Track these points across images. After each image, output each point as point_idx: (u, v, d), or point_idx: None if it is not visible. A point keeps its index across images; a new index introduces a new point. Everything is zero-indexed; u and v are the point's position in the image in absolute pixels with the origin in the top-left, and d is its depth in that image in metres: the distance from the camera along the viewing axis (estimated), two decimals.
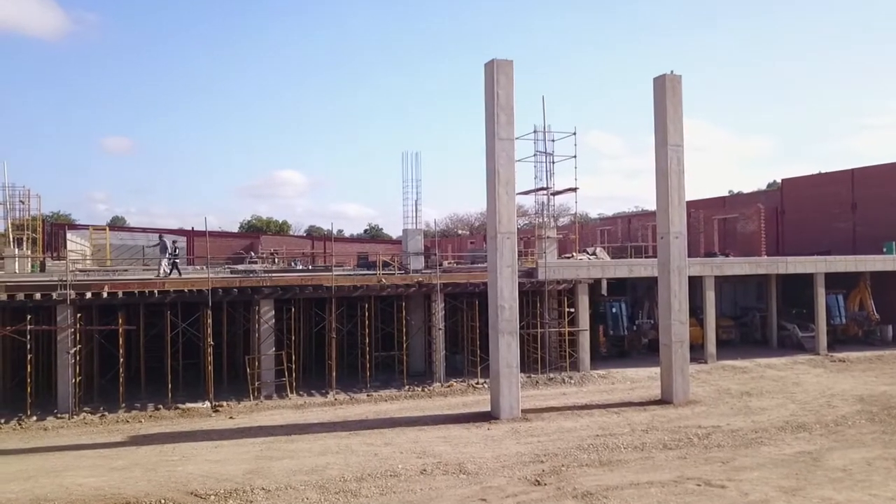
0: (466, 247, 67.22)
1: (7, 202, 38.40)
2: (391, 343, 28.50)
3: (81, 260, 43.04)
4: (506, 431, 18.65)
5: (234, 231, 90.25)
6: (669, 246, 22.91)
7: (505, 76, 20.55)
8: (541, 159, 29.55)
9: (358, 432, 18.82)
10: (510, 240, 20.56)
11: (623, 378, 27.22)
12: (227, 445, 17.67)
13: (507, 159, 20.57)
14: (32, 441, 18.92)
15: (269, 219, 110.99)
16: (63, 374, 22.13)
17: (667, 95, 22.76)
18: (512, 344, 20.41)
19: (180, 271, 28.18)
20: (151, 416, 21.78)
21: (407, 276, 27.54)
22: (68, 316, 22.36)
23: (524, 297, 26.79)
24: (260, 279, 25.78)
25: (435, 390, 25.05)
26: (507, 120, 20.55)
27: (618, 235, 57.36)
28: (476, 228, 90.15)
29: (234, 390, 25.02)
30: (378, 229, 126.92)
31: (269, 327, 24.91)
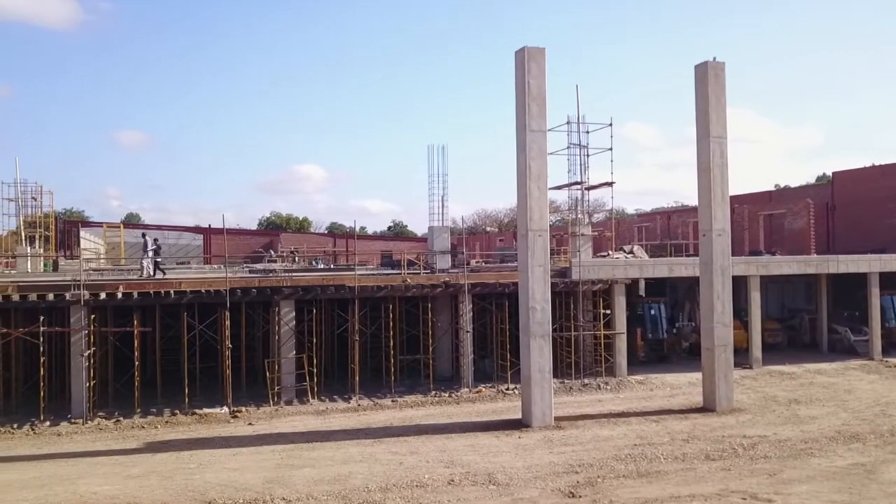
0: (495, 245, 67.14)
1: (19, 199, 39.07)
2: (416, 346, 28.54)
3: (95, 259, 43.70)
4: (538, 440, 18.57)
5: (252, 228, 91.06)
6: (712, 244, 22.65)
7: (536, 65, 20.44)
8: (574, 152, 29.48)
9: (382, 440, 18.85)
10: (542, 238, 20.46)
11: (662, 384, 27.00)
12: (245, 453, 17.81)
13: (538, 152, 20.46)
14: (46, 447, 19.22)
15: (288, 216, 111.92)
16: (77, 378, 22.47)
17: (709, 84, 22.49)
18: (544, 348, 20.32)
19: (164, 271, 28.35)
20: (168, 421, 22.04)
21: (433, 276, 27.56)
22: (82, 317, 22.69)
23: (557, 299, 26.68)
24: (280, 279, 25.96)
25: (463, 396, 25.03)
26: (539, 111, 20.45)
27: (656, 232, 56.87)
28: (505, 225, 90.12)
29: (254, 395, 25.22)
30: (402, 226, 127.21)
31: (289, 329, 25.07)
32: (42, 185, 39.62)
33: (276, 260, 46.36)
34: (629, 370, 28.36)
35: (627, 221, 67.17)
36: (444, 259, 29.96)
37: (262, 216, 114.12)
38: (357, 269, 29.00)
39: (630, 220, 68.59)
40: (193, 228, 72.08)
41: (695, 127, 23.18)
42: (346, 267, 39.43)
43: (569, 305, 27.95)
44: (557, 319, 26.72)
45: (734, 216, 33.17)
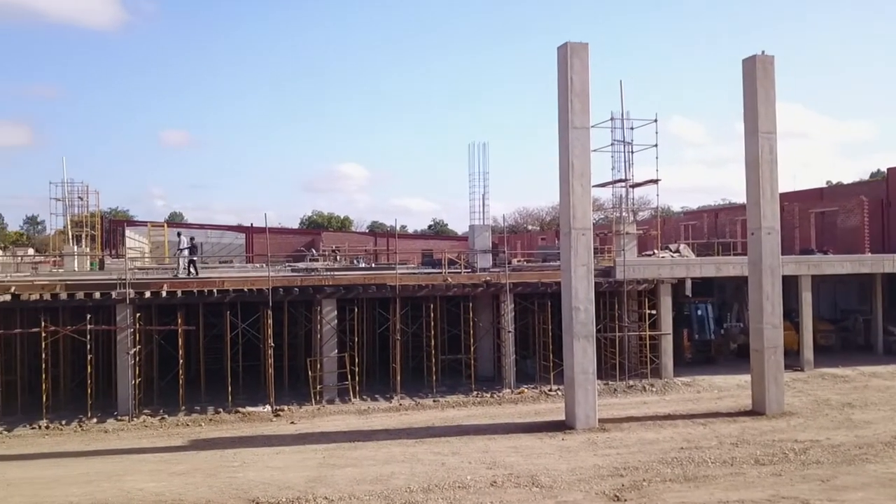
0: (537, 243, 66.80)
1: (66, 198, 39.99)
2: (457, 346, 28.57)
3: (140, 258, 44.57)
4: (582, 442, 18.47)
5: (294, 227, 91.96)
6: (761, 242, 22.27)
7: (579, 60, 20.31)
8: (618, 149, 29.21)
9: (424, 440, 18.93)
10: (585, 236, 20.33)
11: (709, 386, 26.65)
12: (288, 452, 18.02)
13: (581, 149, 20.34)
14: (93, 443, 19.69)
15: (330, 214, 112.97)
16: (123, 376, 22.97)
17: (757, 78, 22.11)
18: (588, 348, 20.19)
19: (198, 270, 28.70)
20: (211, 419, 22.42)
21: (474, 275, 27.56)
22: (128, 315, 23.18)
23: (601, 299, 26.50)
24: (322, 278, 26.21)
25: (505, 397, 25.01)
26: (582, 107, 20.32)
27: (703, 231, 56.07)
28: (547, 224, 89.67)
29: (296, 394, 25.51)
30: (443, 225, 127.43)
31: (331, 328, 25.29)
32: (88, 185, 40.46)
33: (317, 259, 46.79)
34: (675, 372, 28.05)
35: (673, 219, 66.36)
36: (485, 258, 29.93)
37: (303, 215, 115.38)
38: (398, 268, 29.11)
39: (676, 219, 67.75)
40: (236, 227, 73.11)
41: (742, 122, 22.83)
42: (387, 266, 39.62)
43: (613, 305, 27.74)
44: (601, 320, 26.54)
45: (784, 214, 32.55)
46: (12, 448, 19.45)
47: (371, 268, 39.10)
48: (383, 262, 53.07)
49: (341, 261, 48.68)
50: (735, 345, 31.96)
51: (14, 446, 19.68)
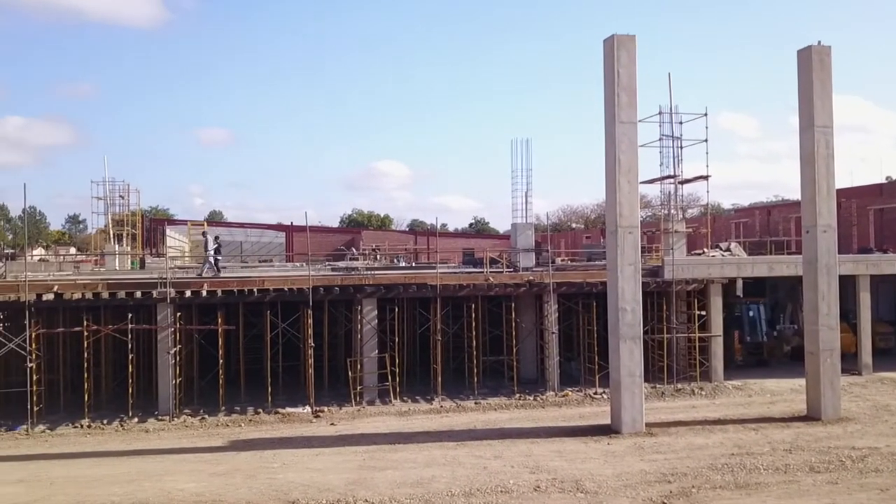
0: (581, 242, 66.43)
1: (107, 197, 40.83)
2: (499, 347, 28.51)
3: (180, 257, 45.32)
4: (628, 447, 18.31)
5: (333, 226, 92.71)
6: (816, 241, 21.83)
7: (626, 53, 20.13)
8: (667, 144, 28.95)
9: (465, 443, 18.94)
10: (632, 235, 20.14)
11: (762, 390, 26.22)
12: (328, 453, 18.18)
13: (629, 145, 20.15)
14: (134, 443, 20.10)
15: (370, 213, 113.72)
16: (164, 375, 23.40)
17: (813, 70, 21.67)
18: (634, 351, 20.01)
19: (219, 270, 29.02)
20: (251, 420, 22.72)
21: (516, 275, 27.49)
22: (168, 315, 23.59)
23: (648, 299, 26.24)
24: (362, 277, 26.38)
25: (548, 399, 24.91)
26: (629, 101, 20.13)
27: (755, 229, 55.20)
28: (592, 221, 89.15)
29: (335, 395, 25.72)
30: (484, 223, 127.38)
31: (371, 328, 25.45)
32: (129, 184, 41.25)
33: (357, 258, 47.10)
34: (725, 375, 27.66)
35: (724, 217, 65.45)
36: (527, 257, 29.81)
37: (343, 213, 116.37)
38: (439, 267, 29.15)
39: (726, 216, 66.81)
40: (276, 226, 73.94)
41: (797, 116, 22.40)
42: (427, 265, 39.74)
43: (661, 306, 27.46)
44: (648, 321, 26.26)
45: (841, 211, 31.90)
46: (55, 447, 19.95)
47: (411, 267, 39.25)
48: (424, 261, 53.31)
49: (381, 260, 48.96)
50: (789, 347, 31.38)
51: (57, 445, 20.19)
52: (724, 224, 59.41)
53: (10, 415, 23.07)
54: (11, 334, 23.06)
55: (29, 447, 19.98)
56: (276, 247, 67.99)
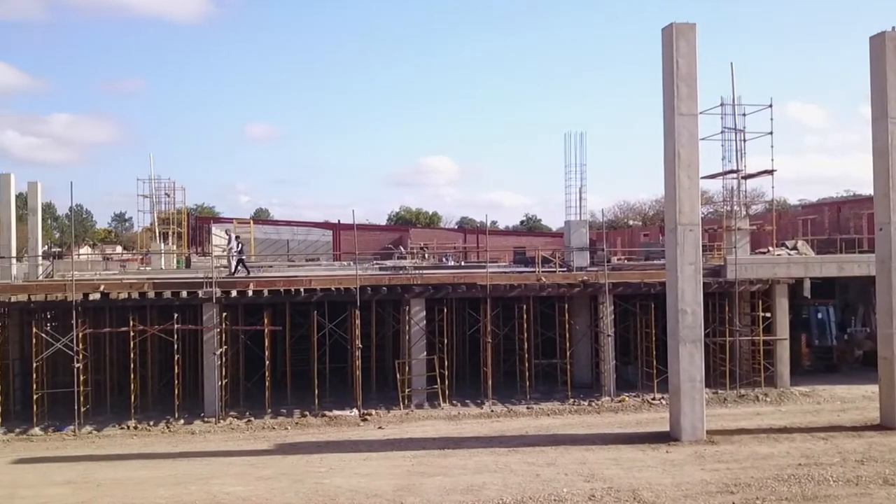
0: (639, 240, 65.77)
1: (153, 195, 41.72)
2: (552, 350, 28.38)
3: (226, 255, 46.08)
4: (688, 455, 18.04)
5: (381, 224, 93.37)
6: (890, 238, 21.23)
7: (686, 42, 19.83)
8: (729, 137, 28.57)
9: (517, 449, 18.88)
10: (693, 232, 19.83)
11: (831, 397, 25.64)
12: (376, 458, 18.29)
13: (689, 138, 19.85)
14: (180, 445, 20.50)
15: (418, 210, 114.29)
16: (210, 377, 23.82)
17: (887, 57, 21.04)
18: (695, 354, 19.71)
19: (248, 269, 29.35)
20: (298, 423, 22.99)
21: (570, 275, 27.34)
22: (214, 315, 24.00)
23: (709, 300, 25.86)
24: (410, 277, 26.49)
25: (603, 405, 24.73)
26: (689, 92, 19.83)
27: (824, 226, 54.00)
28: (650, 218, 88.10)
29: (383, 397, 25.89)
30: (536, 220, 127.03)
31: (419, 329, 25.54)
32: (175, 181, 42.06)
33: (405, 256, 47.33)
34: (792, 380, 27.12)
35: (790, 213, 64.09)
36: (582, 256, 29.62)
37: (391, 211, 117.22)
38: (489, 266, 29.13)
39: (793, 212, 65.40)
40: (322, 224, 74.73)
41: (870, 106, 21.83)
42: (476, 264, 39.73)
43: (723, 308, 27.06)
44: (710, 323, 25.89)
45: None
46: (102, 448, 20.46)
47: (460, 266, 39.30)
48: (473, 260, 53.32)
49: (429, 259, 49.12)
50: (860, 352, 30.66)
51: (104, 446, 20.70)
52: (791, 221, 58.18)
53: (57, 415, 23.73)
54: (58, 334, 23.76)
55: (76, 448, 20.53)
56: (322, 245, 68.75)
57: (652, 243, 51.78)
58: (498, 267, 34.97)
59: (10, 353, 25.00)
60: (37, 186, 35.39)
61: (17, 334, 25.81)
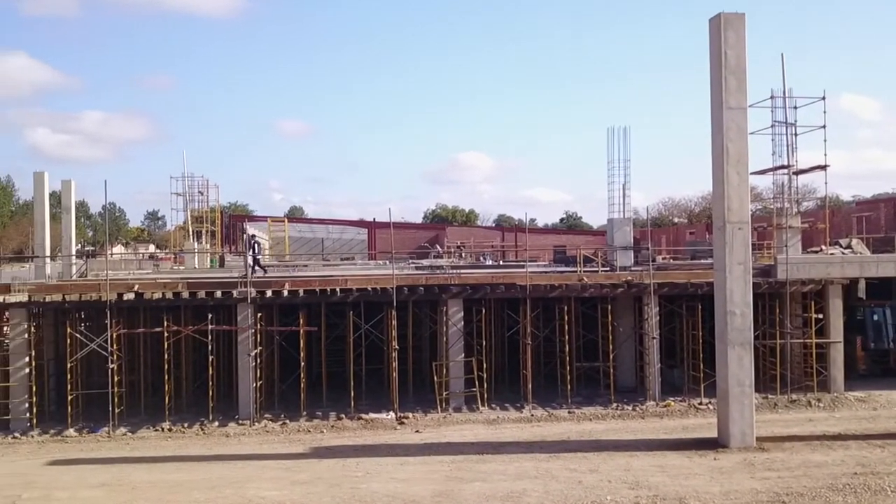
0: (685, 238, 65.07)
1: (186, 193, 42.23)
2: (594, 352, 28.22)
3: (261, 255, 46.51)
4: (736, 463, 17.87)
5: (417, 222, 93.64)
6: None
7: (734, 33, 19.62)
8: (780, 131, 28.11)
9: (558, 455, 18.83)
10: (742, 231, 19.62)
11: (888, 402, 25.18)
12: (413, 463, 18.36)
13: (737, 132, 19.64)
14: (215, 448, 20.77)
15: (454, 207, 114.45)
16: (244, 378, 24.05)
17: None
18: (744, 358, 19.50)
19: (265, 269, 29.53)
20: (333, 426, 23.14)
21: (613, 275, 27.15)
22: (249, 315, 24.22)
23: (759, 301, 25.52)
24: (447, 276, 26.51)
25: (648, 410, 24.56)
26: (738, 85, 19.62)
27: (880, 223, 52.99)
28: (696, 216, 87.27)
29: (420, 400, 25.95)
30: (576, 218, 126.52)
31: (457, 330, 25.55)
32: (208, 179, 42.53)
33: (442, 255, 47.39)
34: (846, 385, 26.69)
35: (844, 210, 62.99)
36: (625, 255, 29.39)
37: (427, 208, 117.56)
38: (528, 266, 29.02)
39: (847, 209, 64.28)
40: (357, 222, 75.23)
41: None
42: (515, 263, 39.62)
43: (773, 309, 26.67)
44: (760, 325, 25.58)
45: None
46: (136, 450, 20.79)
47: (498, 265, 39.26)
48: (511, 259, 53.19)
49: (467, 258, 49.14)
50: None
51: (138, 448, 21.04)
52: (845, 218, 57.19)
53: (91, 416, 24.16)
54: (92, 334, 24.17)
55: (110, 450, 20.87)
56: (357, 244, 69.17)
57: (698, 242, 51.22)
58: (537, 266, 34.85)
59: (44, 353, 25.44)
60: (70, 185, 36.06)
61: (51, 334, 26.29)
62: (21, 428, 23.35)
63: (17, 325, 23.99)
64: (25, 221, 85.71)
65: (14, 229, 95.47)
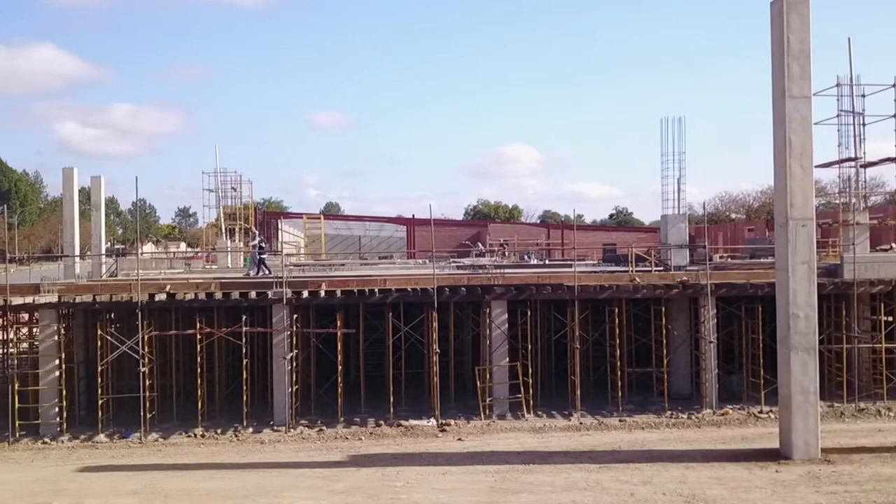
0: (743, 236, 64.31)
1: (219, 189, 42.60)
2: (647, 357, 28.04)
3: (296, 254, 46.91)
4: (800, 476, 17.62)
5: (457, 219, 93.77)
6: None
7: (798, 16, 19.32)
8: (846, 121, 27.65)
9: (609, 465, 18.73)
10: (806, 228, 19.33)
11: None
12: (455, 472, 18.38)
13: (801, 123, 19.34)
14: (249, 455, 20.99)
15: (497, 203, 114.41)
16: (279, 383, 24.28)
17: None
18: (808, 363, 19.21)
19: (269, 269, 29.70)
20: (372, 433, 23.28)
21: (667, 275, 26.97)
22: (284, 317, 24.43)
23: (824, 303, 25.19)
24: (491, 276, 26.48)
25: (704, 418, 24.33)
26: (802, 72, 19.32)
27: None
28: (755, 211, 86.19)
29: (462, 406, 25.98)
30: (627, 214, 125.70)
31: (501, 333, 25.53)
32: (241, 175, 42.83)
33: (484, 254, 47.37)
34: None
35: None
36: (680, 254, 29.15)
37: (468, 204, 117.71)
38: (576, 265, 28.90)
39: None
40: (396, 219, 75.57)
41: None
42: (562, 263, 39.49)
43: (839, 311, 26.26)
44: (825, 329, 25.20)
45: None
46: (169, 457, 21.11)
47: (544, 264, 39.16)
48: (557, 257, 53.05)
49: (510, 256, 49.09)
50: None
51: (171, 455, 21.36)
52: None
53: (122, 421, 24.60)
54: (122, 336, 24.53)
55: (142, 456, 21.23)
56: (396, 241, 69.51)
57: (758, 239, 50.60)
58: (586, 266, 34.68)
59: (75, 355, 25.88)
60: (100, 181, 36.62)
61: (81, 336, 26.75)
62: (51, 433, 23.81)
63: (47, 327, 24.46)
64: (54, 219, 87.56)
65: (42, 227, 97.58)
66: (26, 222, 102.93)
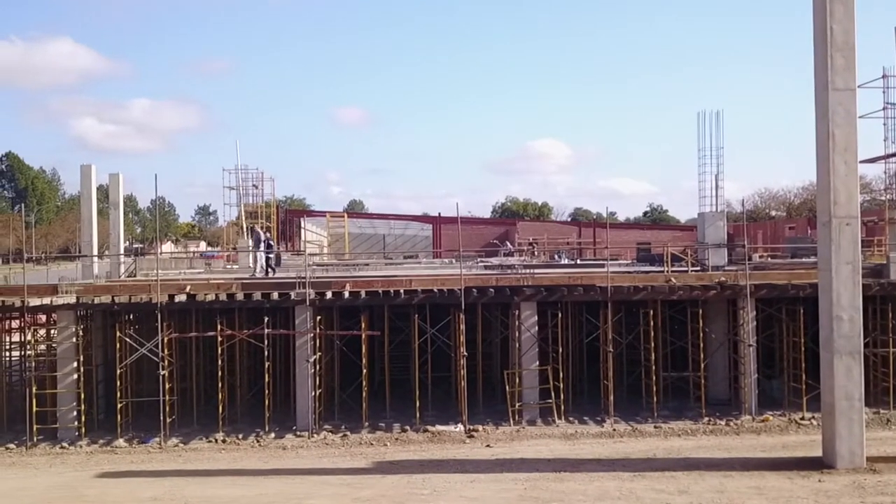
0: (783, 234, 63.89)
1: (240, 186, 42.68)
2: (683, 361, 27.89)
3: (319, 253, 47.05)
4: (844, 486, 17.48)
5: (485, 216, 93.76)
6: None
7: (842, 6, 19.15)
8: (892, 114, 27.50)
9: (644, 474, 18.68)
10: (850, 226, 19.16)
11: None
12: (483, 480, 18.41)
13: (845, 116, 19.17)
14: (271, 461, 21.12)
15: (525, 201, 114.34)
16: (302, 386, 24.39)
17: None
18: (853, 368, 19.04)
19: (274, 269, 29.79)
20: (398, 438, 23.33)
21: (704, 275, 26.82)
22: (307, 318, 24.53)
23: (870, 305, 24.94)
24: (520, 276, 26.46)
25: (743, 425, 24.18)
26: (846, 64, 19.14)
27: None
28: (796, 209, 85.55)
29: (490, 412, 26.00)
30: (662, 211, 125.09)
31: (530, 336, 25.49)
32: (263, 171, 42.81)
33: (513, 253, 47.33)
34: None
35: None
36: (718, 253, 28.99)
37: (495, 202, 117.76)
38: (609, 265, 28.80)
39: None
40: (422, 217, 75.76)
41: None
42: (594, 262, 39.37)
43: (885, 314, 26.00)
44: (870, 332, 24.98)
45: None
46: (189, 462, 21.28)
47: (575, 264, 39.08)
48: (589, 257, 52.89)
49: (540, 256, 49.03)
50: None
51: (191, 460, 21.53)
52: None
53: (141, 426, 24.81)
54: (141, 338, 24.72)
55: (162, 462, 21.42)
56: (421, 240, 69.59)
57: (799, 238, 50.22)
58: (619, 266, 34.59)
59: (93, 358, 26.06)
60: (118, 179, 36.91)
61: (100, 338, 26.99)
62: (69, 437, 24.05)
63: (65, 329, 24.64)
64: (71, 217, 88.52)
65: (60, 226, 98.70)
66: (43, 221, 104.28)
